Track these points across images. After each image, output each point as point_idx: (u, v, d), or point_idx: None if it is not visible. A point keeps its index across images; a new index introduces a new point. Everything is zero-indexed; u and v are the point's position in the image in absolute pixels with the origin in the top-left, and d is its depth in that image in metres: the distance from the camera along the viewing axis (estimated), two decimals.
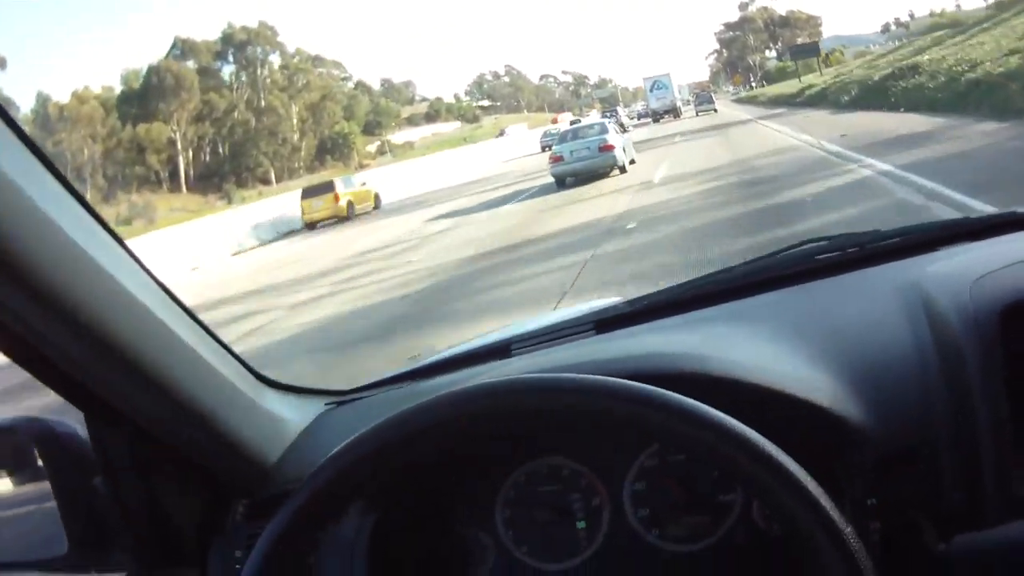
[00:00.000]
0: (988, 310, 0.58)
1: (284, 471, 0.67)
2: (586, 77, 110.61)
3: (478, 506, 0.67)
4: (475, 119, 79.55)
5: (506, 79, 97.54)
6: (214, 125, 45.13)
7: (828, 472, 0.54)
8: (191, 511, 0.65)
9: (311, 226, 14.56)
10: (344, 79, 64.22)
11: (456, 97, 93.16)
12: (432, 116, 77.17)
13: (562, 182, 11.35)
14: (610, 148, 11.07)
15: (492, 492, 0.67)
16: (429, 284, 5.83)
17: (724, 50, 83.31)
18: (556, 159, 11.40)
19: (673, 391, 0.45)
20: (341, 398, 0.79)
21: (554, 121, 46.25)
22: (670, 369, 0.58)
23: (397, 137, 63.50)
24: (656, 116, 39.59)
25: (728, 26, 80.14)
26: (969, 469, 0.55)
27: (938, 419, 0.57)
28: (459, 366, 0.80)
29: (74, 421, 0.63)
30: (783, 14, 68.02)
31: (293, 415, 0.72)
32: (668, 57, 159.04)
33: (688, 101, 49.00)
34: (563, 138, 12.14)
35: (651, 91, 42.96)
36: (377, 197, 16.34)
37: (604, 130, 11.68)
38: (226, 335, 0.67)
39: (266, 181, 44.97)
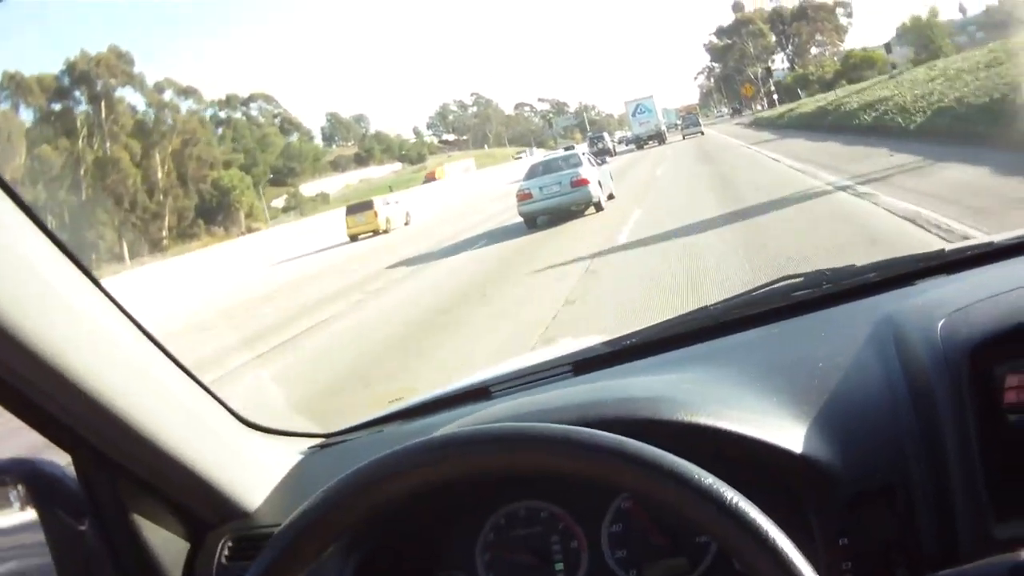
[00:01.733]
0: (958, 349, 0.76)
1: (268, 513, 0.91)
2: (565, 104, 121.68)
3: (458, 548, 0.87)
4: (420, 158, 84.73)
5: (473, 109, 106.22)
6: (48, 188, 43.66)
7: (799, 512, 0.76)
8: (177, 552, 0.87)
9: (354, 239, 21.93)
10: (276, 115, 68.86)
11: (415, 131, 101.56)
12: (363, 158, 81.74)
13: (532, 222, 13.32)
14: (584, 183, 13.12)
15: (472, 535, 0.87)
16: None
17: (716, 64, 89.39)
18: (524, 196, 13.40)
19: (646, 437, 0.60)
20: (324, 440, 1.09)
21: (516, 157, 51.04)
22: (644, 415, 0.80)
23: (315, 186, 66.26)
24: (639, 142, 46.24)
25: (721, 32, 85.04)
26: (942, 508, 0.72)
27: (910, 459, 0.76)
28: (440, 408, 1.09)
29: (63, 462, 0.83)
30: (798, 2, 67.69)
31: (277, 458, 1.01)
32: (655, 81, 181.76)
33: (676, 125, 56.18)
34: (532, 172, 14.28)
35: (633, 115, 50.31)
36: (408, 215, 24.54)
37: (578, 162, 13.78)
38: None
39: (120, 258, 43.32)
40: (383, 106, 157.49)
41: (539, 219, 13.31)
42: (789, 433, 0.78)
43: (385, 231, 22.19)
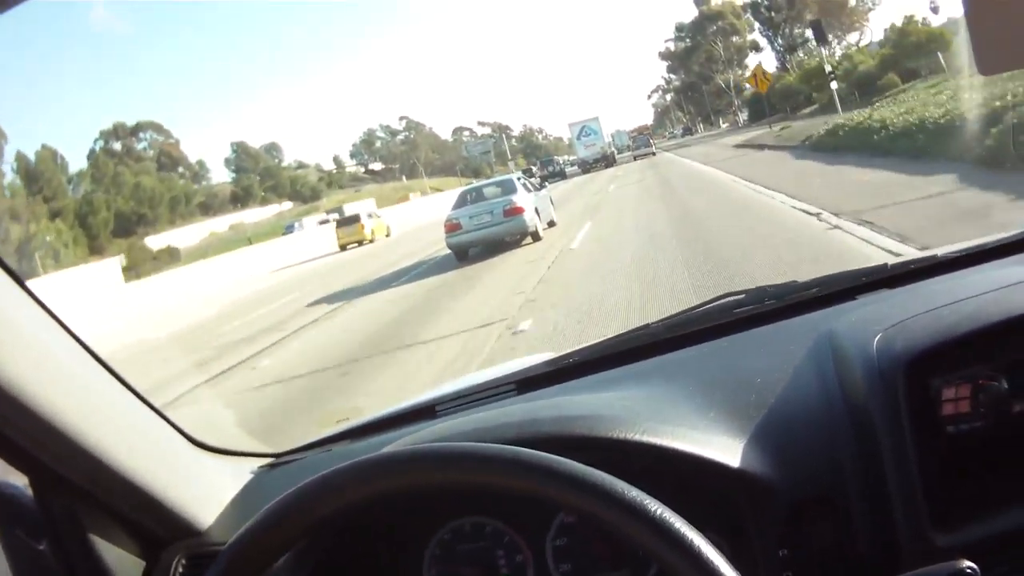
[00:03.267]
0: (893, 363, 0.99)
1: (220, 531, 1.15)
2: (508, 128, 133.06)
3: (405, 564, 1.09)
4: (314, 195, 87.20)
5: (404, 135, 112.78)
6: None
7: (739, 525, 0.97)
8: (133, 569, 1.09)
9: (343, 248, 32.12)
10: (160, 148, 69.84)
11: (336, 161, 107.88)
12: (241, 197, 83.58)
13: (463, 255, 15.54)
14: (518, 211, 15.31)
15: (419, 550, 1.09)
16: None
17: (673, 76, 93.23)
18: (452, 227, 15.59)
19: (583, 454, 0.81)
20: (274, 460, 1.41)
21: (403, 199, 54.80)
22: (580, 432, 1.04)
23: (173, 236, 66.64)
24: (585, 166, 53.78)
25: (681, 33, 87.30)
26: (880, 519, 0.92)
27: (847, 471, 0.98)
28: (386, 428, 1.41)
29: (20, 483, 1.03)
30: None
31: (228, 477, 1.30)
32: (608, 102, 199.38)
33: (628, 147, 63.73)
34: (462, 200, 16.61)
35: (578, 138, 57.74)
36: (389, 228, 35.56)
37: (511, 189, 16.08)
38: None
39: None
40: (301, 133, 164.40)
41: (471, 251, 15.56)
42: (726, 448, 1.03)
43: (371, 241, 33.11)
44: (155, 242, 64.49)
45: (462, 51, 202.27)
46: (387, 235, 34.89)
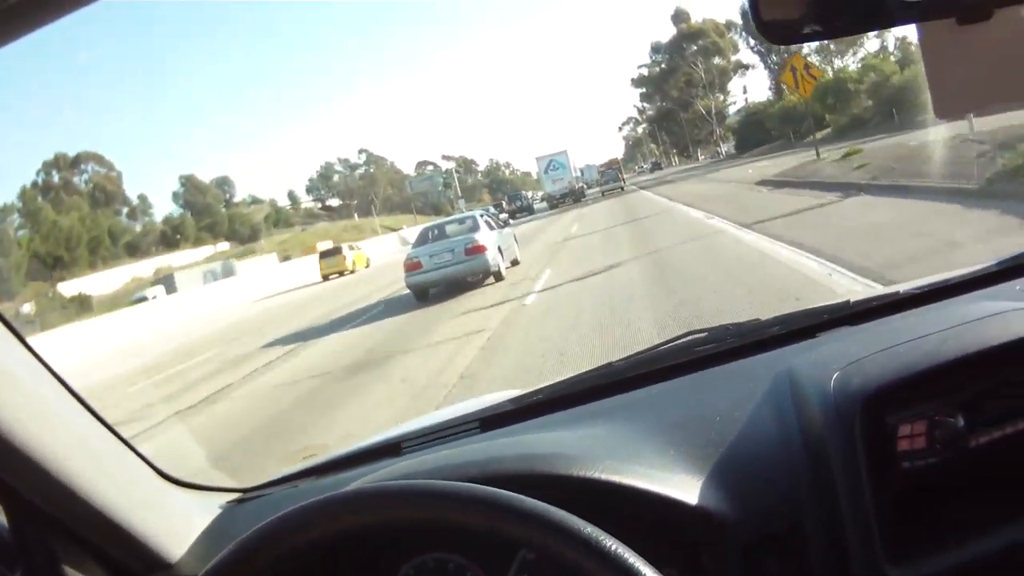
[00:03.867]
0: (849, 401, 1.13)
1: (189, 564, 1.30)
2: (473, 162, 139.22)
3: None
4: (252, 236, 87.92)
5: (363, 169, 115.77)
6: None
7: (696, 561, 1.09)
8: None
9: (326, 278, 38.42)
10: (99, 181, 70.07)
11: (291, 196, 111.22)
12: (170, 239, 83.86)
13: (422, 295, 16.58)
14: (480, 250, 16.35)
15: None
16: None
17: (646, 104, 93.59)
18: (412, 266, 16.65)
19: (543, 492, 0.93)
20: (242, 495, 1.58)
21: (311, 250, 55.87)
22: (541, 470, 1.17)
23: (92, 281, 66.24)
24: (552, 201, 58.25)
25: (656, 55, 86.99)
26: (836, 554, 1.05)
27: (804, 507, 1.12)
28: (352, 464, 1.57)
29: None
30: None
31: (198, 511, 1.47)
32: (577, 135, 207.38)
33: (597, 181, 67.78)
34: (423, 239, 17.76)
35: (546, 172, 61.68)
36: (368, 259, 42.93)
37: (474, 227, 17.20)
38: None
39: None
40: (256, 166, 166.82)
41: (431, 291, 16.61)
42: (685, 485, 1.17)
43: (352, 271, 40.29)
44: (70, 288, 63.43)
45: (427, 82, 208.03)
46: (366, 266, 42.77)
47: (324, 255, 42.20)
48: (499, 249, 17.28)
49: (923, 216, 10.46)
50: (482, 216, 18.74)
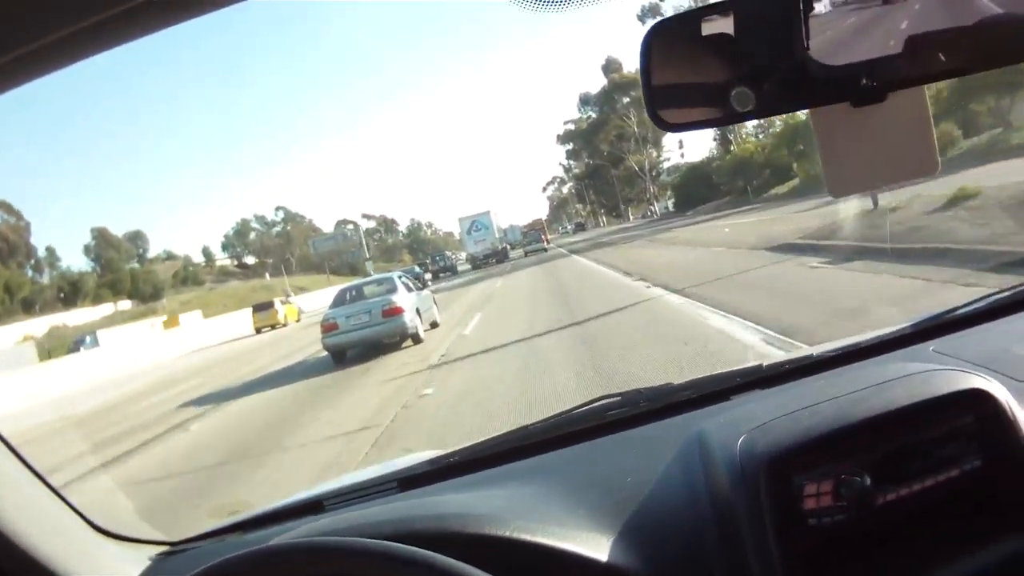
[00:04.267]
0: (754, 463, 1.27)
1: None
2: (394, 222, 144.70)
3: None
4: (155, 295, 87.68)
5: (279, 227, 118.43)
6: None
7: None
8: None
9: (258, 331, 43.79)
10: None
11: (205, 253, 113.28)
12: (69, 296, 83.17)
13: (340, 356, 17.79)
14: (398, 312, 17.55)
15: None
16: None
17: (574, 161, 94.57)
18: (329, 327, 17.86)
19: (457, 550, 1.04)
20: (170, 548, 1.75)
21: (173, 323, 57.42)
22: (454, 529, 1.30)
23: None
24: (475, 262, 62.56)
25: (586, 106, 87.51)
26: None
27: (713, 566, 1.26)
28: (276, 520, 1.75)
29: None
30: None
31: (127, 563, 1.60)
32: (503, 195, 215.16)
33: (520, 242, 71.78)
34: (340, 299, 19.05)
35: (468, 233, 65.99)
36: (300, 312, 48.82)
37: (392, 288, 18.44)
38: None
39: None
40: (170, 221, 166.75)
41: (348, 353, 17.82)
42: (594, 544, 1.30)
43: (284, 324, 44.74)
44: None
45: (349, 140, 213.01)
46: (297, 319, 47.24)
47: (257, 308, 48.24)
48: (417, 311, 18.50)
49: None
50: (400, 278, 19.90)
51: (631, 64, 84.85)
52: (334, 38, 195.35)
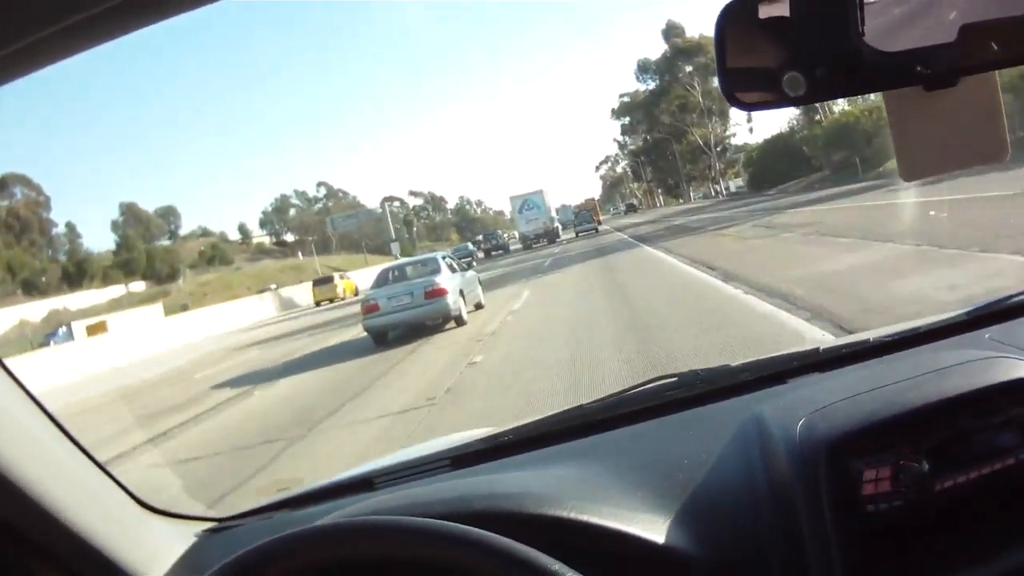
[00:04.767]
0: (815, 447, 1.36)
1: None
2: (443, 199, 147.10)
3: None
4: (171, 276, 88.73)
5: (321, 204, 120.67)
6: None
7: None
8: None
9: (318, 304, 56.12)
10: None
11: (242, 230, 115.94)
12: (74, 276, 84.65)
13: (382, 338, 18.43)
14: (440, 293, 18.33)
15: None
16: None
17: (629, 138, 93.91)
18: (370, 308, 18.74)
19: (512, 530, 1.12)
20: (217, 524, 1.86)
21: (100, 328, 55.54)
22: (510, 509, 1.37)
23: None
24: (526, 242, 64.31)
25: (643, 76, 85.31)
26: None
27: (770, 549, 1.35)
28: (326, 498, 1.86)
29: None
30: None
31: (173, 540, 1.73)
32: (555, 174, 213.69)
33: (572, 222, 73.19)
34: (382, 280, 19.99)
35: (520, 212, 67.62)
36: (356, 287, 55.65)
37: (435, 269, 19.25)
38: None
39: None
40: (207, 196, 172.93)
41: (390, 334, 18.78)
42: (651, 525, 1.38)
43: (342, 298, 52.95)
44: None
45: (397, 115, 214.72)
46: (355, 293, 53.01)
47: (317, 283, 58.74)
48: (461, 293, 19.23)
49: None
50: (444, 258, 20.77)
51: (695, 27, 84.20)
52: (384, 12, 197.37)
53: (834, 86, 1.10)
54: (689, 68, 79.70)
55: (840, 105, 53.04)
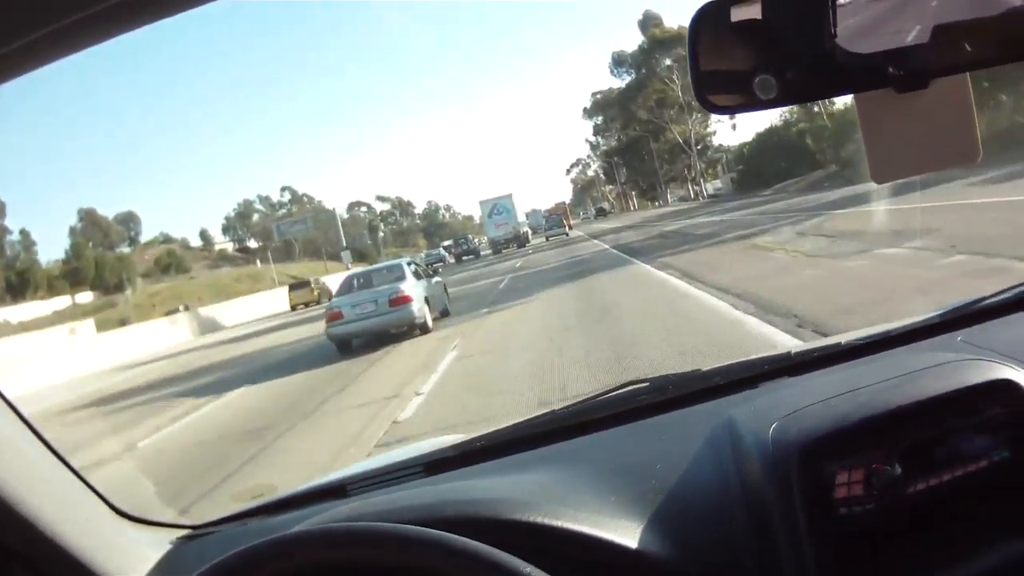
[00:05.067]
0: (787, 450, 1.44)
1: None
2: (411, 204, 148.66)
3: None
4: (119, 286, 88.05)
5: (285, 209, 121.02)
6: None
7: None
8: None
9: (294, 308, 62.28)
10: None
11: (203, 236, 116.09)
12: (16, 287, 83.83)
13: (345, 345, 18.72)
14: (405, 300, 18.83)
15: None
16: None
17: (602, 138, 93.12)
18: (334, 316, 19.15)
19: (486, 536, 1.20)
20: (192, 531, 1.95)
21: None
22: (484, 514, 1.46)
23: None
24: (496, 247, 66.43)
25: (619, 69, 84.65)
26: None
27: (743, 554, 1.43)
28: (299, 504, 1.95)
29: None
30: None
31: (147, 547, 1.82)
32: (526, 179, 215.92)
33: (542, 227, 75.83)
34: (347, 287, 20.47)
35: (490, 217, 70.34)
36: (331, 291, 47.64)
37: (400, 276, 19.72)
38: None
39: None
40: (168, 201, 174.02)
41: (354, 342, 18.86)
42: (624, 530, 1.46)
43: (317, 302, 54.67)
44: None
45: (364, 119, 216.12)
46: (329, 298, 51.98)
47: (293, 288, 64.07)
48: (426, 300, 19.84)
49: None
50: (409, 264, 21.11)
51: (673, 17, 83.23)
52: (348, 15, 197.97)
53: (806, 88, 1.16)
54: (668, 61, 79.14)
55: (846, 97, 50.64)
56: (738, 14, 1.13)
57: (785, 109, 65.93)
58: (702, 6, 1.15)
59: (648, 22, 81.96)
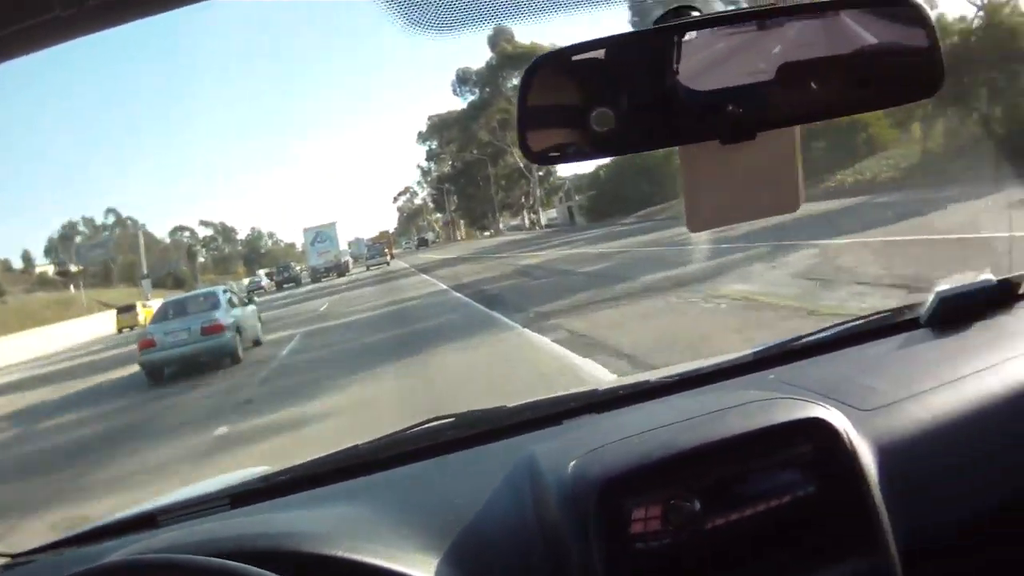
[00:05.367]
0: (585, 488, 1.58)
1: None
2: (234, 230, 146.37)
3: None
4: None
5: (108, 233, 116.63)
6: None
7: None
8: None
9: (120, 331, 60.44)
10: None
11: (25, 258, 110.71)
12: None
13: (157, 375, 19.78)
14: (218, 329, 19.63)
15: None
16: None
17: (433, 164, 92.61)
18: (147, 343, 19.85)
19: (292, 571, 1.46)
20: (10, 561, 2.01)
21: None
22: (286, 547, 1.57)
23: None
24: (316, 275, 68.96)
25: (463, 88, 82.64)
26: None
27: None
28: (112, 535, 2.03)
29: None
30: None
31: None
32: (353, 206, 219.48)
33: (365, 256, 78.72)
34: (162, 314, 21.29)
35: (312, 244, 73.57)
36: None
37: (215, 304, 20.69)
38: None
39: None
40: None
41: (166, 371, 19.98)
42: (420, 564, 1.55)
43: (143, 325, 47.99)
44: None
45: (187, 139, 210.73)
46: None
47: (120, 311, 64.80)
48: (238, 329, 20.77)
49: None
50: (225, 292, 22.36)
51: (527, 32, 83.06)
52: (167, 24, 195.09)
53: (648, 135, 1.20)
54: (516, 79, 73.19)
55: None
56: (580, 57, 1.17)
57: None
58: (537, 57, 1.18)
59: (498, 36, 78.79)
